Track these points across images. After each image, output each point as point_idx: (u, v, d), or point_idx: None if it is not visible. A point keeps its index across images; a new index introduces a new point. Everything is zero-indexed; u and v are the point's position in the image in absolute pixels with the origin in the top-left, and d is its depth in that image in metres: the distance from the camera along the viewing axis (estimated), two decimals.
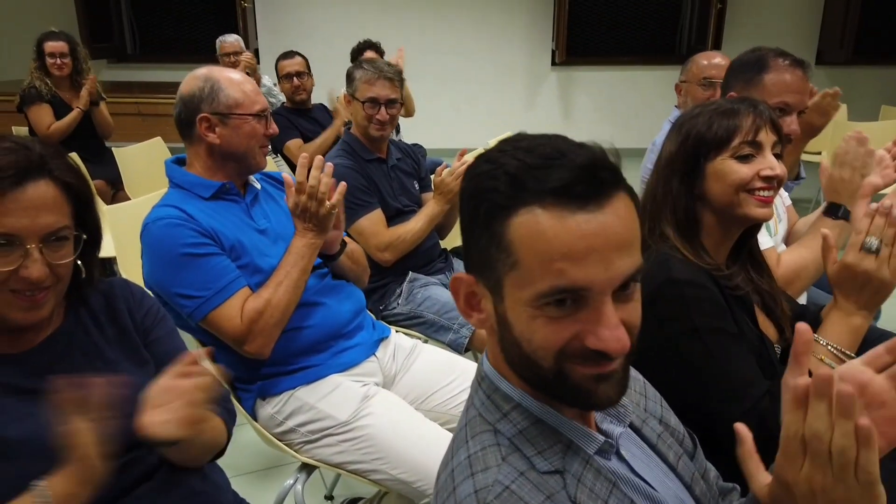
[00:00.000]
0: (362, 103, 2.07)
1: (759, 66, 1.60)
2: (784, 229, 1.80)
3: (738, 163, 1.12)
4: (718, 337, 1.08)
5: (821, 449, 0.62)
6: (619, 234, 0.62)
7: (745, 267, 1.22)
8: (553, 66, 6.35)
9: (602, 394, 0.66)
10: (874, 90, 6.00)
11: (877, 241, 1.04)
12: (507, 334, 0.67)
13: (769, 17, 6.23)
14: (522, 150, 0.64)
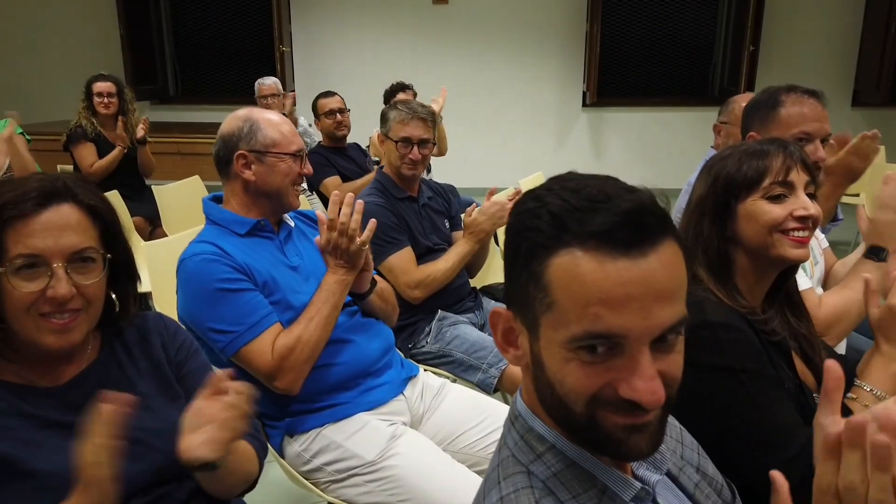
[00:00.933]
0: (396, 143, 2.11)
1: (772, 102, 1.62)
2: (820, 272, 1.76)
3: (771, 203, 1.11)
4: (757, 380, 1.05)
5: (855, 500, 0.60)
6: (662, 284, 0.61)
7: (783, 311, 1.19)
8: (584, 107, 6.39)
9: (634, 445, 0.64)
10: None
11: None
12: (541, 374, 0.66)
13: (803, 59, 6.21)
14: (569, 190, 0.64)
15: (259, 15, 6.55)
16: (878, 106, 6.05)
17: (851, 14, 6.15)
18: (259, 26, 6.57)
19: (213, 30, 6.87)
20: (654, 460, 0.75)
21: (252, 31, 6.72)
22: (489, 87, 6.36)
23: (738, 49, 6.03)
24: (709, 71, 6.54)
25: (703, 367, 1.05)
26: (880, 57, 6.00)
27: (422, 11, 6.24)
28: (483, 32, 6.26)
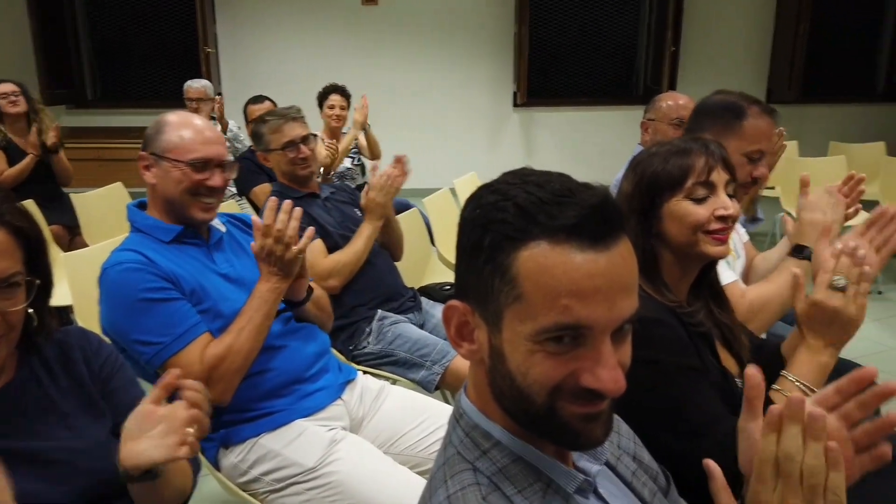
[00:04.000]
0: (281, 150, 2.09)
1: (737, 112, 1.61)
2: (742, 265, 1.83)
3: (694, 204, 1.14)
4: (686, 372, 1.09)
5: (793, 470, 0.64)
6: (623, 276, 0.63)
7: (707, 303, 1.24)
8: (515, 107, 6.48)
9: (590, 433, 0.66)
10: (823, 127, 6.25)
11: (844, 279, 1.07)
12: (500, 367, 0.66)
13: (720, 59, 6.48)
14: (533, 184, 0.64)
15: (182, 14, 6.34)
16: (790, 103, 6.38)
17: (763, 16, 6.48)
18: (182, 26, 6.36)
19: (133, 29, 6.60)
20: (594, 451, 0.76)
21: (175, 32, 6.50)
22: (422, 88, 6.36)
23: (659, 50, 6.25)
24: (633, 71, 6.74)
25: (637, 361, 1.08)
26: (791, 56, 6.33)
27: (351, 12, 6.18)
28: (414, 34, 6.27)
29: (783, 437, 0.65)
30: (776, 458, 0.65)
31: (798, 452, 0.63)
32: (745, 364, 1.23)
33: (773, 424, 0.66)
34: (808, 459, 0.63)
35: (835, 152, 4.86)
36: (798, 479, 0.63)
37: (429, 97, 6.39)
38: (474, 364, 0.71)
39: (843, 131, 6.13)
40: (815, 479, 0.62)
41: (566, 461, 0.73)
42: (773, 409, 0.66)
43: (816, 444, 0.63)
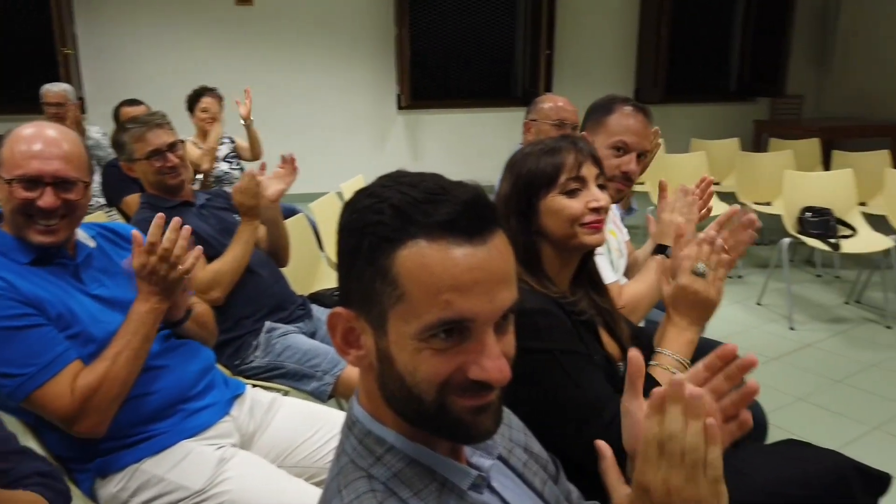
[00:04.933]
0: (146, 160, 1.98)
1: (606, 109, 1.77)
2: (625, 264, 1.94)
3: (568, 198, 1.20)
4: (572, 358, 1.14)
5: (675, 449, 0.67)
6: (501, 268, 0.65)
7: (587, 291, 1.30)
8: (399, 109, 6.49)
9: (481, 425, 0.67)
10: (685, 125, 6.71)
11: (704, 266, 1.18)
12: (388, 370, 0.66)
13: (591, 61, 6.82)
14: (406, 185, 0.65)
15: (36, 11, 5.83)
16: (656, 102, 6.81)
17: (628, 21, 6.88)
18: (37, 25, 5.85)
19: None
20: (486, 446, 0.77)
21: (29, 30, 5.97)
22: (303, 91, 6.23)
23: (535, 53, 6.48)
24: (512, 73, 6.95)
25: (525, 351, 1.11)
26: (654, 59, 6.77)
27: (224, 12, 5.95)
28: (293, 35, 6.12)
29: (666, 417, 0.68)
30: (660, 438, 0.68)
31: (680, 431, 0.67)
32: (626, 348, 1.30)
33: (656, 406, 0.69)
34: (689, 437, 0.67)
35: (696, 148, 5.23)
36: (680, 457, 0.67)
37: (311, 100, 6.27)
38: (363, 370, 0.71)
39: (703, 129, 6.63)
40: (696, 454, 0.67)
41: (460, 459, 0.74)
42: (655, 391, 0.70)
43: (696, 422, 0.67)
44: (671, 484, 0.68)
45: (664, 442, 0.68)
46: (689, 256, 1.19)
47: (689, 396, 0.67)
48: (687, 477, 0.67)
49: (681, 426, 0.67)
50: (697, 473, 0.67)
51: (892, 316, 3.67)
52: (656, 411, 0.69)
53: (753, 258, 4.74)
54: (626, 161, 1.72)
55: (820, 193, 3.85)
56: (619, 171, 1.72)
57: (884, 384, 2.95)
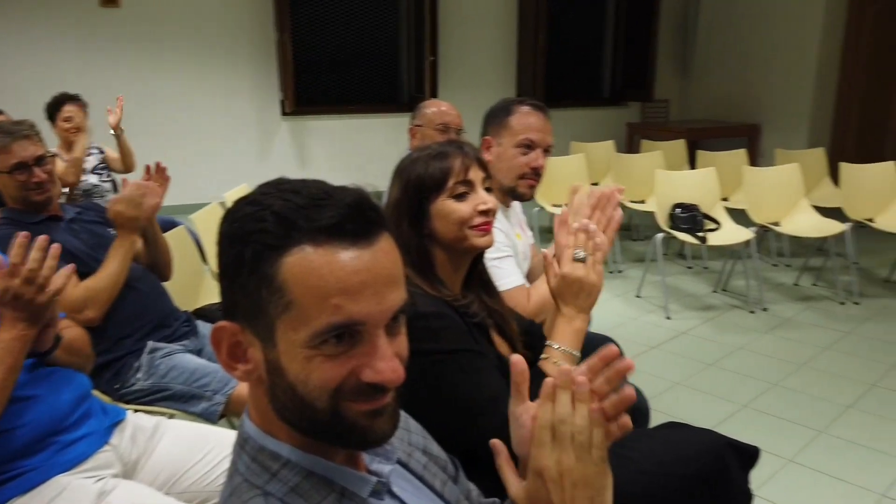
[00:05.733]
0: (8, 174, 1.82)
1: (505, 111, 1.83)
2: (528, 266, 2.00)
3: (456, 202, 1.23)
4: (468, 357, 1.16)
5: (565, 431, 0.72)
6: (389, 269, 0.65)
7: (478, 293, 1.33)
8: (284, 116, 6.34)
9: (378, 429, 0.66)
10: (564, 129, 6.99)
11: (583, 252, 1.22)
12: (280, 381, 0.64)
13: (475, 68, 6.97)
14: (289, 191, 0.64)
15: None
16: None
17: (507, 29, 7.10)
18: None
19: None
20: (384, 452, 0.77)
21: None
22: (180, 98, 5.94)
23: (420, 59, 6.55)
24: (398, 79, 6.98)
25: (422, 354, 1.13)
26: (533, 66, 7.02)
27: (88, 15, 5.56)
28: (165, 39, 5.82)
29: (557, 403, 0.73)
30: (552, 423, 0.72)
31: (569, 415, 0.72)
32: (516, 347, 1.34)
33: (548, 394, 0.73)
34: (577, 420, 0.72)
35: (575, 151, 5.48)
36: (570, 438, 0.72)
37: (189, 106, 5.99)
38: (253, 384, 0.69)
39: (581, 132, 6.95)
40: (584, 436, 0.71)
41: (358, 466, 0.73)
42: (547, 381, 0.74)
43: (583, 407, 0.72)
44: (563, 465, 0.72)
45: (556, 426, 0.72)
46: (567, 245, 1.24)
47: (577, 383, 0.72)
48: (577, 457, 0.71)
49: (569, 410, 0.72)
50: (585, 454, 0.71)
51: (755, 301, 4.00)
52: (548, 399, 0.73)
53: (631, 253, 5.02)
54: (535, 157, 1.80)
55: (687, 191, 4.14)
56: (529, 167, 1.79)
57: (749, 365, 3.22)
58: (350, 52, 6.67)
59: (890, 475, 2.31)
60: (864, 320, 3.74)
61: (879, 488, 2.24)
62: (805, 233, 4.11)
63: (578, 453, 0.71)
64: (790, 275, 4.52)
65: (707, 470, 1.26)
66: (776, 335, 3.56)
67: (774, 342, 3.47)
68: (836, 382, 3.01)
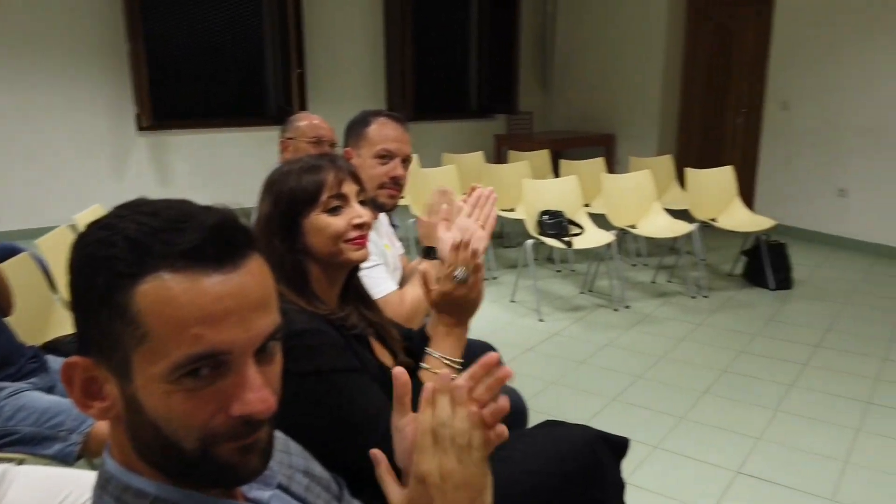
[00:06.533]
0: None
1: (364, 122, 1.85)
2: (399, 276, 2.00)
3: (330, 216, 1.22)
4: (346, 376, 1.14)
5: (446, 435, 0.72)
6: (257, 294, 0.61)
7: (356, 306, 1.32)
8: (140, 131, 5.97)
9: (249, 465, 0.63)
10: (436, 141, 7.14)
11: (464, 271, 1.24)
12: (139, 419, 0.59)
13: (345, 82, 6.93)
14: (145, 214, 0.59)
15: None
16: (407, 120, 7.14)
17: (375, 42, 7.13)
18: None
19: None
20: (264, 477, 0.74)
21: None
22: (20, 113, 5.44)
23: (287, 71, 6.41)
24: (265, 91, 6.79)
25: (300, 375, 1.10)
26: (401, 79, 7.09)
27: None
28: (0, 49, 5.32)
29: (436, 407, 0.73)
30: (433, 427, 0.73)
31: (449, 418, 0.72)
32: (398, 355, 1.35)
33: (428, 400, 0.74)
34: (457, 423, 0.72)
35: (447, 162, 5.59)
36: (450, 441, 0.72)
37: (32, 123, 5.49)
38: (112, 422, 0.63)
39: (452, 144, 7.11)
40: (463, 438, 0.72)
41: (236, 495, 0.70)
42: (426, 386, 0.74)
43: (462, 409, 0.73)
44: (444, 469, 0.72)
45: (436, 430, 0.73)
46: (449, 263, 1.26)
47: (455, 386, 0.73)
48: (458, 459, 0.72)
49: (449, 414, 0.73)
50: (466, 456, 0.72)
51: (618, 300, 4.26)
52: (428, 404, 0.74)
53: (504, 259, 5.18)
54: (393, 167, 1.81)
55: (553, 198, 4.35)
56: (388, 177, 1.80)
57: (616, 360, 3.42)
58: (212, 64, 6.40)
59: (743, 453, 2.54)
60: (713, 312, 4.10)
61: (734, 466, 2.45)
62: (658, 234, 4.44)
63: (459, 456, 0.72)
64: (648, 273, 4.86)
65: (583, 464, 1.32)
66: (638, 330, 3.81)
67: (637, 337, 3.72)
68: (692, 371, 3.27)
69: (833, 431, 2.68)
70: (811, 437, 2.63)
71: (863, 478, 2.36)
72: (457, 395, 0.73)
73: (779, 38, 5.85)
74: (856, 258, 5.24)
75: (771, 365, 3.32)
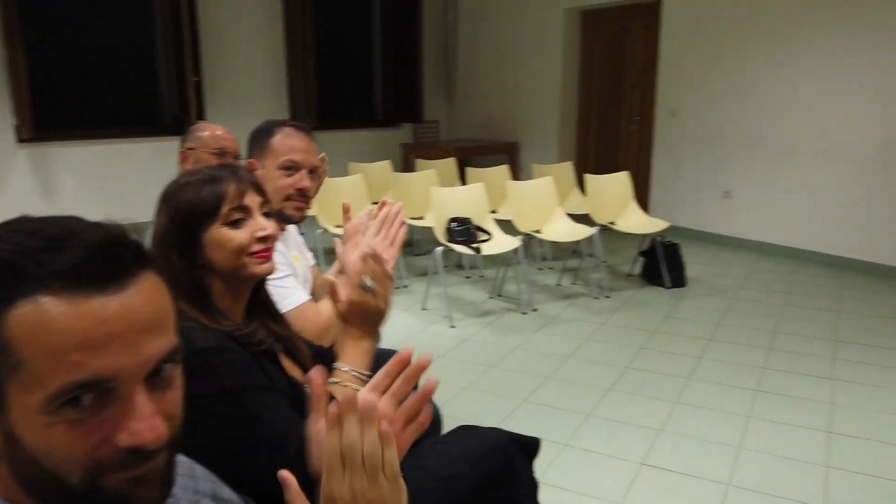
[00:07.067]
0: None
1: (267, 133, 1.79)
2: (310, 288, 1.96)
3: (232, 229, 1.18)
4: (253, 395, 1.10)
5: (356, 456, 0.70)
6: (147, 315, 0.57)
7: (264, 320, 1.28)
8: (20, 143, 5.57)
9: (145, 496, 0.59)
10: (341, 150, 7.07)
11: (371, 280, 1.22)
12: (19, 453, 0.55)
13: (245, 90, 6.75)
14: (22, 233, 0.55)
15: None
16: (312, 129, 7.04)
17: (275, 50, 6.99)
18: None
19: None
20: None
21: None
22: None
23: (182, 80, 6.17)
24: (158, 100, 6.50)
25: (204, 397, 1.05)
26: (304, 88, 6.99)
27: None
28: None
29: (344, 429, 0.71)
30: (341, 450, 0.71)
31: (357, 440, 0.70)
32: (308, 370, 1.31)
33: (334, 421, 0.71)
34: (367, 444, 0.70)
35: (354, 171, 5.55)
36: (361, 463, 0.70)
37: None
38: None
39: (358, 153, 7.06)
40: (374, 458, 0.70)
41: None
42: (330, 409, 0.72)
43: (371, 429, 0.71)
44: (355, 489, 0.71)
45: (345, 452, 0.71)
46: (356, 272, 1.23)
47: (362, 406, 0.71)
48: (370, 479, 0.71)
49: (358, 435, 0.71)
50: (378, 475, 0.71)
51: (526, 303, 4.37)
52: (335, 425, 0.72)
53: (414, 268, 5.20)
54: (299, 178, 1.76)
55: (460, 205, 4.41)
56: (294, 189, 1.76)
57: (526, 362, 3.50)
58: (101, 72, 6.07)
59: (646, 445, 2.66)
60: (615, 311, 4.27)
61: (639, 458, 2.56)
62: (562, 238, 4.59)
63: (371, 475, 0.71)
64: (553, 276, 5.01)
65: (496, 467, 1.34)
66: (546, 332, 3.92)
67: (545, 339, 3.82)
68: (597, 369, 3.40)
69: (727, 419, 2.85)
70: (707, 426, 2.79)
71: (755, 461, 2.53)
72: (365, 416, 0.71)
73: (666, 50, 6.20)
74: (741, 255, 5.62)
75: (669, 359, 3.50)
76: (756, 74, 5.59)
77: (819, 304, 4.34)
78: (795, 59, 5.31)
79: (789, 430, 2.75)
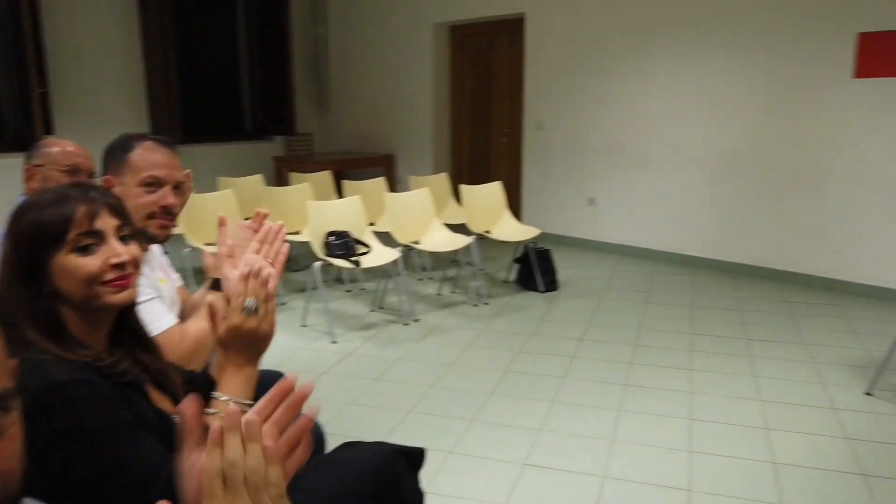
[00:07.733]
0: None
1: (125, 148, 1.67)
2: (178, 310, 1.85)
3: (81, 256, 1.08)
4: (116, 432, 1.02)
5: (237, 475, 0.68)
6: None
7: (132, 349, 1.19)
8: None
9: None
10: (209, 165, 6.78)
11: (254, 301, 1.14)
12: None
13: (100, 103, 6.31)
14: None
15: None
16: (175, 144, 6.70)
17: (132, 61, 6.59)
18: None
19: None
20: None
21: None
22: None
23: (26, 91, 5.68)
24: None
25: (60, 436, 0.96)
26: (166, 101, 6.65)
27: None
28: None
29: (226, 448, 0.68)
30: (222, 469, 0.68)
31: (240, 458, 0.68)
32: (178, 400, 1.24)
33: (216, 441, 0.69)
34: (250, 461, 0.68)
35: (224, 186, 5.34)
36: (243, 483, 0.68)
37: None
38: None
39: (227, 167, 6.80)
40: (257, 476, 0.68)
41: None
42: (213, 426, 0.69)
43: (254, 446, 0.69)
44: None
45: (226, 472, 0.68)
46: (237, 293, 1.16)
47: (245, 423, 0.69)
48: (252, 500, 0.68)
49: (240, 453, 0.68)
50: (261, 494, 0.69)
51: (407, 314, 4.39)
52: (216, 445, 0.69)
53: (293, 284, 5.08)
54: (163, 195, 1.65)
55: (338, 219, 4.36)
56: (157, 206, 1.65)
57: (409, 373, 3.52)
58: None
59: (527, 446, 2.75)
60: (493, 317, 4.40)
61: (521, 459, 2.64)
62: (440, 248, 4.66)
63: (254, 496, 0.68)
64: (433, 286, 5.08)
65: (381, 481, 1.33)
66: (428, 341, 3.96)
67: (427, 348, 3.86)
68: (478, 374, 3.47)
69: (600, 414, 3.02)
70: (582, 422, 2.94)
71: (627, 452, 2.69)
72: (249, 432, 0.69)
73: (530, 64, 6.49)
74: (605, 258, 5.97)
75: (545, 361, 3.65)
76: (614, 89, 5.98)
77: (675, 301, 4.70)
78: (648, 75, 5.73)
79: (656, 420, 2.95)
